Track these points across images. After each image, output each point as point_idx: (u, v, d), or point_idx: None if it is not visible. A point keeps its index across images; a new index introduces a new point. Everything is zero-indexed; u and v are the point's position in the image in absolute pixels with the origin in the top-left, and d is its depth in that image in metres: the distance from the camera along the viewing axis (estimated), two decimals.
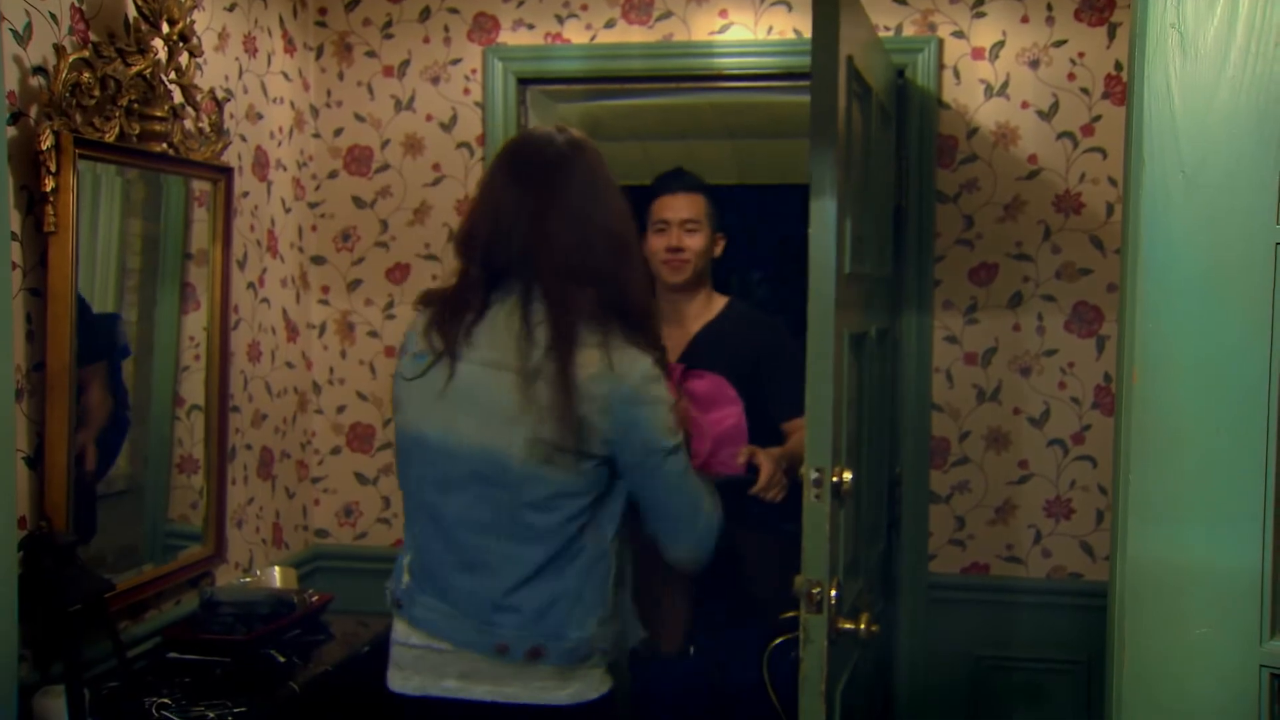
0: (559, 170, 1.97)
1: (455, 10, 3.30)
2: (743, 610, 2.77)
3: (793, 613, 2.09)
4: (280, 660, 2.60)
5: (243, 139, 3.00)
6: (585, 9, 3.25)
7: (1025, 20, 3.08)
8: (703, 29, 3.21)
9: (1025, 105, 3.09)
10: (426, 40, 3.32)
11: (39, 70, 2.25)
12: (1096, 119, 3.06)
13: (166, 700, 2.38)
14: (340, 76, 3.37)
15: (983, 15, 3.09)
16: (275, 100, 3.17)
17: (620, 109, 4.21)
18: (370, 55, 3.35)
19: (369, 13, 3.34)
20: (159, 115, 2.52)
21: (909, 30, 3.11)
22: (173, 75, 2.56)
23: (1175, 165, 1.40)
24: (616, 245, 1.97)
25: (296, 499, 3.37)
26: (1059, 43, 3.07)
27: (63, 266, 2.26)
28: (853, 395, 2.43)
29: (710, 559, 2.06)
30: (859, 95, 2.42)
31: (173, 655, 2.61)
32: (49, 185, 2.23)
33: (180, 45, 2.56)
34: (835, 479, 2.07)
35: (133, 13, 2.47)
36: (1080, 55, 3.06)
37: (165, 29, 2.51)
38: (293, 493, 3.34)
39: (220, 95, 2.84)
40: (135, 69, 2.43)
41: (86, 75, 2.30)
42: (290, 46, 3.25)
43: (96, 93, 2.33)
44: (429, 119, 3.34)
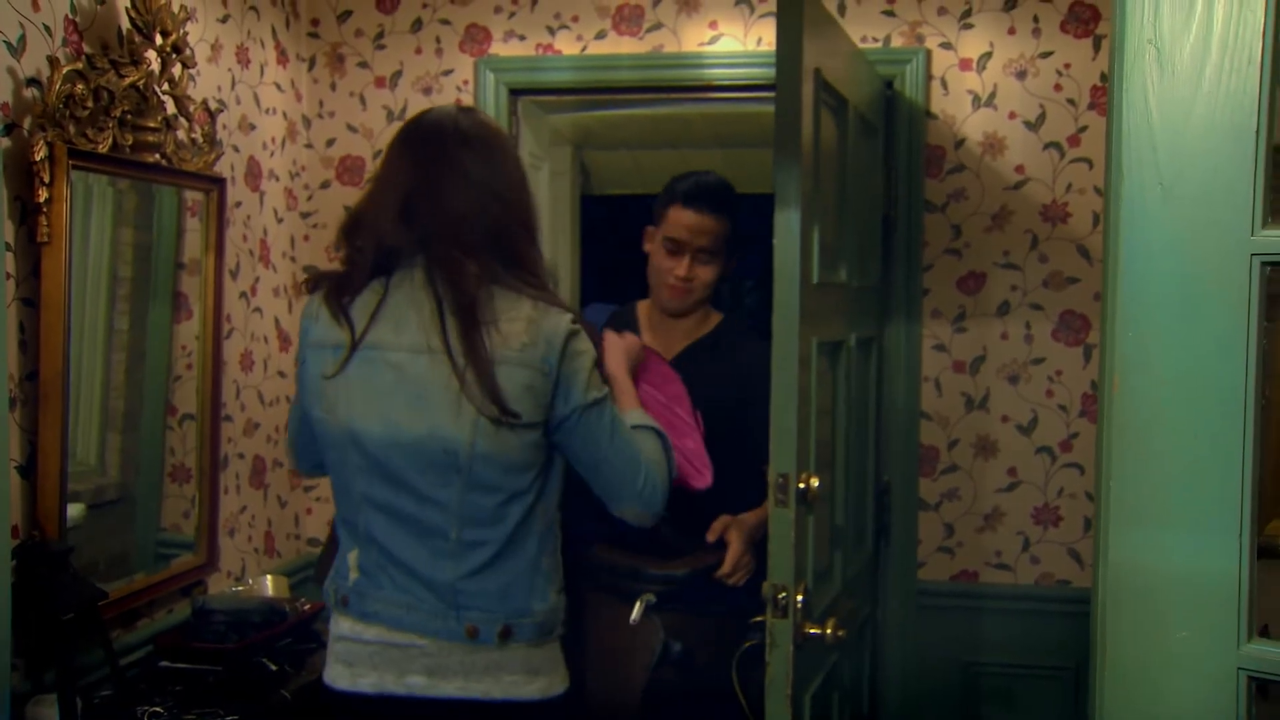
0: (454, 145, 1.96)
1: (447, 21, 3.32)
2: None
3: (761, 617, 2.09)
4: (272, 668, 2.61)
5: (235, 149, 3.02)
6: (576, 20, 3.27)
7: (1012, 32, 3.10)
8: (693, 40, 3.23)
9: (1012, 116, 3.12)
10: (418, 51, 3.34)
11: (33, 82, 2.26)
12: (1083, 129, 3.09)
13: (159, 709, 2.39)
14: (333, 87, 3.39)
15: (970, 27, 3.12)
16: (268, 111, 3.19)
17: (611, 119, 4.24)
18: (362, 66, 3.37)
19: (361, 24, 3.36)
20: (152, 126, 2.53)
21: (897, 41, 3.13)
22: (166, 86, 2.58)
23: (1154, 178, 1.42)
24: (514, 212, 1.98)
25: (289, 508, 3.38)
26: (1045, 54, 3.09)
27: (56, 276, 2.28)
28: (825, 403, 2.44)
29: (663, 512, 2.05)
30: (831, 107, 2.44)
31: (165, 664, 2.61)
32: (42, 196, 2.24)
33: (173, 57, 2.57)
34: (801, 485, 2.09)
35: (126, 24, 2.49)
36: (1066, 66, 3.08)
37: (158, 41, 2.53)
38: (285, 501, 3.35)
39: (213, 106, 2.86)
40: (128, 80, 2.45)
41: (80, 87, 2.32)
42: (283, 58, 3.27)
43: (90, 104, 2.35)
44: None
